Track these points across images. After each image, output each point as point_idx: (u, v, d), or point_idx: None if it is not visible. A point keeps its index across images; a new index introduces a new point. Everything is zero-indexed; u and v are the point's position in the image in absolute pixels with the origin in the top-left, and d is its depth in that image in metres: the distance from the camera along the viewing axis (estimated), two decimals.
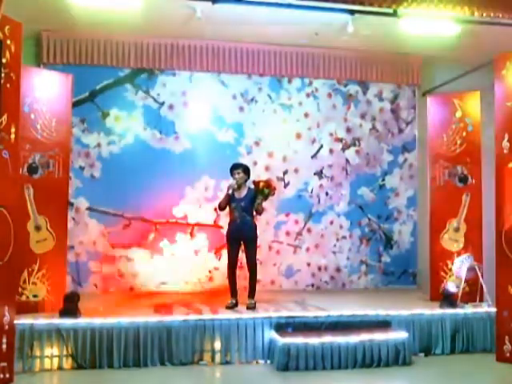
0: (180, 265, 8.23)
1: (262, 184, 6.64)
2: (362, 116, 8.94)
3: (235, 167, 6.81)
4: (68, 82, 6.76)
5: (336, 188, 8.81)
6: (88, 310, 6.15)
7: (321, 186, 8.75)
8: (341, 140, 8.85)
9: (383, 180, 8.98)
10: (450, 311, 6.67)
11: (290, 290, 8.34)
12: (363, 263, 8.84)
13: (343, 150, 8.86)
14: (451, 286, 7.00)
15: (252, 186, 6.74)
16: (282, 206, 8.44)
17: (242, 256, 6.84)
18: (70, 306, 5.96)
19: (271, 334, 6.09)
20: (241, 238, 6.70)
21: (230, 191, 6.66)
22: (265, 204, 6.86)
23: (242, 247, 6.76)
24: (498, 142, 6.23)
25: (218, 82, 8.49)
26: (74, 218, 7.87)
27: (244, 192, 6.71)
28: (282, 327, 6.13)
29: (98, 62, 8.00)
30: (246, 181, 6.77)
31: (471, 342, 6.61)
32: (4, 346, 5.13)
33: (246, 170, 6.81)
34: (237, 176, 6.70)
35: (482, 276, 7.16)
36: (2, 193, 5.12)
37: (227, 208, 6.82)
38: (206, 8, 6.74)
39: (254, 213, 6.75)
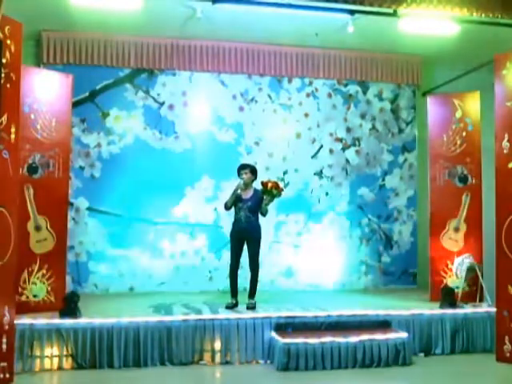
0: (180, 265, 8.23)
1: (270, 185, 6.65)
2: (362, 116, 8.94)
3: (243, 167, 6.82)
4: (68, 82, 6.75)
5: (336, 188, 8.81)
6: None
7: (321, 186, 8.76)
8: (341, 140, 8.85)
9: (383, 180, 8.98)
10: (449, 311, 6.68)
11: (289, 290, 8.34)
12: (363, 263, 8.84)
13: (343, 150, 8.86)
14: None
15: (258, 188, 6.75)
16: (282, 206, 8.43)
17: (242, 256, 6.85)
18: (70, 306, 5.95)
19: (271, 334, 6.09)
20: (245, 238, 6.71)
21: (239, 191, 6.66)
22: None
23: (245, 247, 6.77)
24: (498, 141, 6.23)
25: (218, 81, 8.49)
26: (74, 218, 7.87)
27: (250, 193, 6.72)
28: (282, 327, 6.13)
29: (98, 62, 8.01)
30: (252, 181, 6.79)
31: (471, 342, 6.62)
32: (4, 346, 5.13)
33: (254, 171, 6.82)
34: (244, 176, 6.71)
35: (482, 276, 7.17)
36: (2, 193, 5.12)
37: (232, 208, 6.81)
38: (205, 8, 6.75)
39: (259, 214, 6.76)
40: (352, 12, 6.74)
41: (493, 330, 6.44)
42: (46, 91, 6.47)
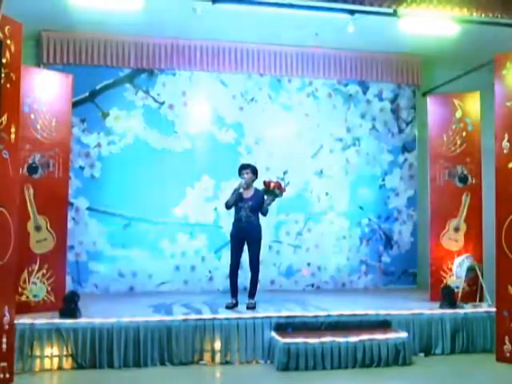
0: (180, 265, 8.23)
1: (272, 184, 6.67)
2: (362, 116, 8.94)
3: (244, 167, 6.83)
4: (68, 82, 6.75)
5: (336, 188, 8.80)
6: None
7: (321, 186, 8.75)
8: (341, 140, 8.85)
9: (383, 180, 8.98)
10: (449, 311, 6.68)
11: (289, 290, 8.34)
12: (363, 263, 8.84)
13: (343, 149, 8.86)
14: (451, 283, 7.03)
15: (259, 187, 6.76)
16: (282, 206, 8.42)
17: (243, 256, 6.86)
18: (70, 306, 5.95)
19: (271, 334, 6.09)
20: (245, 237, 6.72)
21: (241, 190, 6.67)
22: None
23: (245, 247, 6.78)
24: (498, 142, 6.24)
25: (218, 81, 8.49)
26: (74, 218, 7.87)
27: (251, 192, 6.73)
28: (282, 327, 6.13)
29: (98, 62, 8.01)
30: (253, 181, 6.80)
31: (471, 342, 6.62)
32: (4, 346, 5.13)
33: (255, 171, 6.84)
34: (245, 176, 6.72)
35: (482, 276, 7.17)
36: (2, 193, 5.12)
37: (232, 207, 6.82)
38: (205, 8, 6.74)
39: (260, 214, 6.77)
40: (352, 12, 6.73)
41: (493, 330, 6.44)
42: (46, 91, 6.47)
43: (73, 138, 7.66)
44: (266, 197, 6.69)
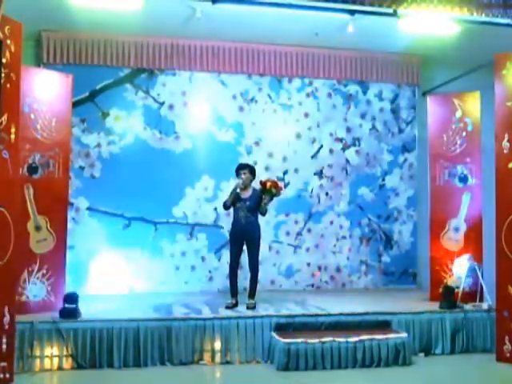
0: (180, 265, 8.23)
1: (269, 184, 6.67)
2: (362, 116, 8.93)
3: (241, 167, 6.83)
4: (68, 82, 6.75)
5: (336, 188, 8.80)
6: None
7: (321, 186, 8.75)
8: (341, 140, 8.85)
9: (383, 180, 8.97)
10: (449, 311, 6.68)
11: (290, 290, 8.34)
12: (363, 263, 8.84)
13: (343, 149, 8.86)
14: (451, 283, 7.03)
15: (257, 187, 6.75)
16: (282, 206, 8.43)
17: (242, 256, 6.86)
18: (70, 306, 5.95)
19: (271, 334, 6.09)
20: (244, 238, 6.73)
21: (238, 190, 6.66)
22: None
23: (245, 247, 6.79)
24: (498, 142, 6.24)
25: (218, 81, 8.49)
26: (74, 218, 7.87)
27: (249, 192, 6.74)
28: (282, 327, 6.14)
29: (98, 62, 8.00)
30: (251, 181, 6.79)
31: (471, 342, 6.63)
32: (4, 346, 5.14)
33: (252, 171, 6.84)
34: (243, 176, 6.72)
35: (482, 276, 7.17)
36: (2, 193, 5.13)
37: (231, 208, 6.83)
38: (206, 8, 6.75)
39: (258, 213, 6.77)
40: (352, 12, 6.73)
41: (493, 330, 6.45)
42: (46, 91, 6.47)
43: (73, 138, 7.65)
44: (263, 196, 6.67)
